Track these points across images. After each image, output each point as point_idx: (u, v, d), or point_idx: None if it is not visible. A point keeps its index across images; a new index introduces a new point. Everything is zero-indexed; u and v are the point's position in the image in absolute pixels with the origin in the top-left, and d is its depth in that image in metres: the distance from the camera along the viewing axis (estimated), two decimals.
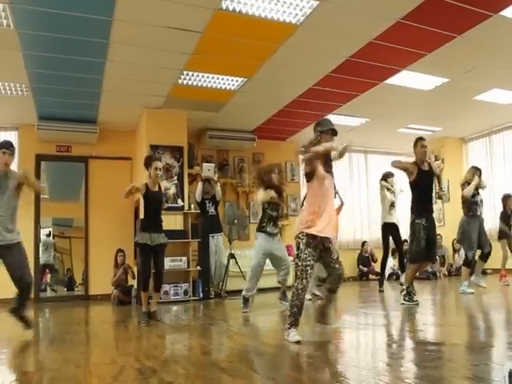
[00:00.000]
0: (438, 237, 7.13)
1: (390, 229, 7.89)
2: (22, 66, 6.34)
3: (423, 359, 3.03)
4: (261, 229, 6.08)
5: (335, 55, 6.53)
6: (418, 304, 5.58)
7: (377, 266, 10.85)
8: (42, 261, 8.97)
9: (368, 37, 6.01)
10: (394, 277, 10.27)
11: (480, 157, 11.20)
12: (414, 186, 5.88)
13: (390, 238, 7.94)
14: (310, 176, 3.78)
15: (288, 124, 9.58)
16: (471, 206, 6.97)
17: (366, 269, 10.89)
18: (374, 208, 11.52)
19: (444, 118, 9.67)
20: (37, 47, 5.91)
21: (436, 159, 11.38)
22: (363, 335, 4.16)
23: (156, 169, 5.58)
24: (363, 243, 11.10)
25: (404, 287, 5.77)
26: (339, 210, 4.36)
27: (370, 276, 10.79)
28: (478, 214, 6.97)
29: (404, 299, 5.66)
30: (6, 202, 4.54)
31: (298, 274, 3.68)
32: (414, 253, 5.71)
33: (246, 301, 5.95)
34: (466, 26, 5.80)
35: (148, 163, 5.65)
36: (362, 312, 5.63)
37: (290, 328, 3.68)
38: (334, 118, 9.21)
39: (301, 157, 3.80)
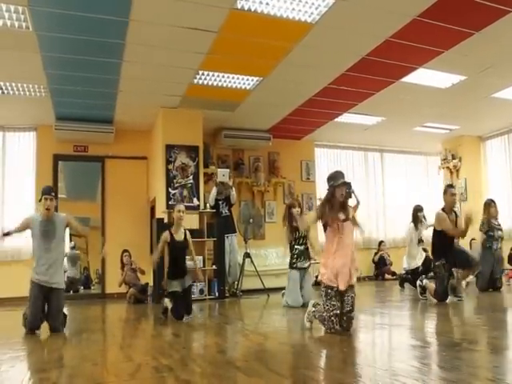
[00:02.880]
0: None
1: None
2: (41, 67, 6.43)
3: (441, 360, 3.00)
4: (292, 265, 6.35)
5: (351, 54, 6.49)
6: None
7: (393, 267, 10.80)
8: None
9: (384, 35, 5.96)
10: (410, 276, 10.18)
11: (498, 155, 11.05)
12: (439, 232, 5.99)
13: None
14: (325, 226, 4.15)
15: (303, 123, 9.56)
16: (487, 238, 7.19)
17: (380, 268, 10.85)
18: (390, 207, 11.49)
19: (461, 116, 9.56)
20: (55, 49, 5.99)
21: (453, 158, 11.30)
22: (379, 335, 4.14)
23: (179, 211, 5.62)
24: (380, 243, 11.02)
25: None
26: (355, 209, 4.43)
27: (386, 276, 10.72)
28: (494, 247, 7.13)
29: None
30: (54, 247, 4.78)
31: (325, 316, 3.99)
32: (439, 291, 5.91)
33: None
34: (484, 22, 5.72)
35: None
36: (378, 312, 5.59)
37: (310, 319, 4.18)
38: (350, 117, 9.20)
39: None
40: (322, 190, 10.50)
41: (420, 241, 7.99)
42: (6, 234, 4.79)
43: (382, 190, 11.67)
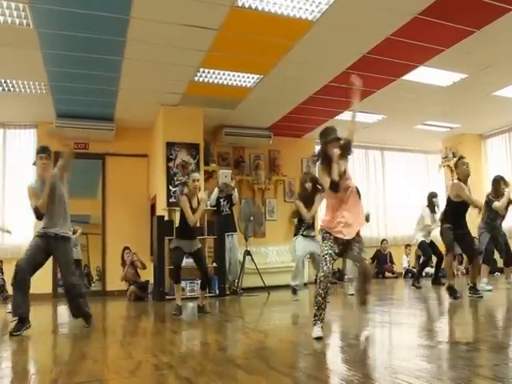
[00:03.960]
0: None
1: (426, 244, 7.96)
2: (41, 64, 6.42)
3: (441, 358, 3.00)
4: (296, 233, 6.61)
5: (352, 51, 6.48)
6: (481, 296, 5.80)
7: (395, 265, 10.85)
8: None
9: (385, 33, 5.95)
10: (410, 274, 10.26)
11: (499, 154, 11.04)
12: (454, 203, 5.94)
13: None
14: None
15: (304, 121, 9.55)
16: (490, 214, 7.03)
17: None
18: (391, 205, 11.49)
19: (462, 114, 9.55)
20: (55, 46, 5.98)
21: (454, 156, 11.30)
22: (379, 333, 4.14)
23: (194, 181, 5.69)
24: (382, 241, 11.04)
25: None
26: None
27: (386, 274, 10.74)
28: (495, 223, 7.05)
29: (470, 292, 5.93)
30: (56, 208, 4.66)
31: (320, 263, 3.79)
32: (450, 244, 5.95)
33: (294, 290, 6.68)
34: (485, 20, 5.72)
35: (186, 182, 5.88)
36: (379, 310, 5.59)
37: (315, 321, 3.67)
38: (351, 115, 9.15)
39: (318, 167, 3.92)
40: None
41: (433, 222, 7.93)
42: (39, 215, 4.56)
43: (383, 188, 11.67)
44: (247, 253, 7.98)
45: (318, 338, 3.56)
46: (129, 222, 9.06)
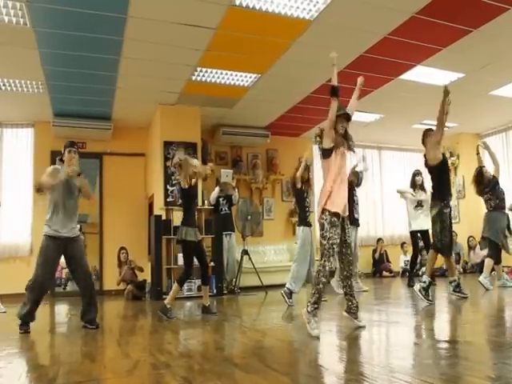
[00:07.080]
0: (453, 233, 7.16)
1: (417, 235, 7.93)
2: (38, 63, 6.41)
3: (438, 357, 3.00)
4: (305, 223, 6.15)
5: (349, 51, 6.48)
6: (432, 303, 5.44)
7: (391, 264, 10.87)
8: None
9: (382, 32, 5.96)
10: (407, 273, 10.25)
11: (496, 153, 11.03)
12: (440, 170, 5.67)
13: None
14: (329, 152, 4.09)
15: (301, 120, 9.55)
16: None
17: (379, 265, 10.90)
18: (388, 204, 11.49)
19: (459, 113, 9.54)
20: (53, 45, 5.97)
21: (451, 155, 11.34)
22: (377, 332, 4.15)
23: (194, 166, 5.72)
24: (378, 240, 11.05)
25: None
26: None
27: (384, 273, 10.76)
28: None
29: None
30: (72, 205, 4.78)
31: (325, 252, 3.75)
32: (448, 244, 5.51)
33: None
34: (482, 19, 5.73)
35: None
36: (376, 309, 5.60)
37: (312, 310, 3.75)
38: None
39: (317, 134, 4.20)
40: (319, 188, 10.53)
41: (418, 205, 7.93)
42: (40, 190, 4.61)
43: (380, 187, 11.68)
44: (245, 252, 7.98)
45: (317, 337, 3.63)
46: (126, 221, 9.05)
